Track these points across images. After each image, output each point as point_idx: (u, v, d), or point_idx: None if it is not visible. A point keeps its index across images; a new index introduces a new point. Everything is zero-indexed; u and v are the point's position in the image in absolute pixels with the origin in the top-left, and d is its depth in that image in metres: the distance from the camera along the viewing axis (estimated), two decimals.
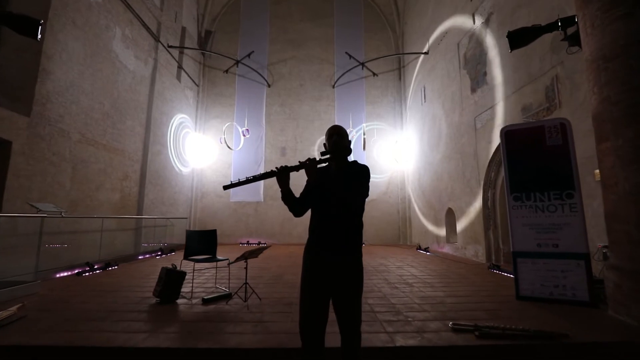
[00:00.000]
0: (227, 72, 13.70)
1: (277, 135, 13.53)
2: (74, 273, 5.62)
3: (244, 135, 12.95)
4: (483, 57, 7.62)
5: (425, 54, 11.26)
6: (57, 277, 5.37)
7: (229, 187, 1.94)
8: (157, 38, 10.14)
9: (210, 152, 13.13)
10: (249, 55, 13.65)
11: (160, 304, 3.74)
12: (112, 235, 7.72)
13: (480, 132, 7.64)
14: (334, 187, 1.83)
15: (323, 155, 1.91)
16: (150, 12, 9.78)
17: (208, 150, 13.10)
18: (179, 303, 3.80)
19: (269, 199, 12.90)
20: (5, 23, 4.19)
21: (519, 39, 4.59)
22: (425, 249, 9.48)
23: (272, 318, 3.24)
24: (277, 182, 1.90)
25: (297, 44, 14.03)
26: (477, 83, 7.90)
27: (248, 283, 3.95)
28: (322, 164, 1.93)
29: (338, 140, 1.93)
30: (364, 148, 12.64)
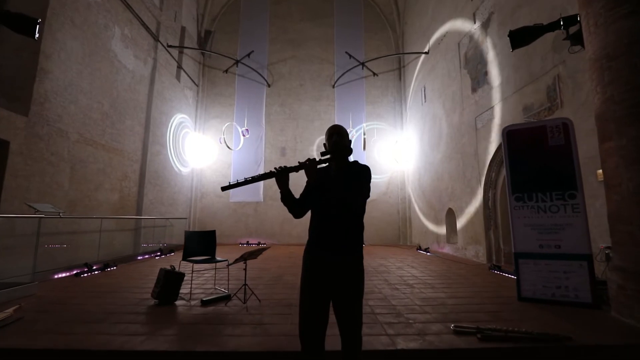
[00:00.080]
0: (226, 72, 13.67)
1: (277, 135, 13.49)
2: (72, 274, 5.59)
3: (244, 135, 12.90)
4: (484, 56, 7.59)
5: (426, 54, 11.23)
6: (55, 278, 5.34)
7: (227, 188, 1.89)
8: (156, 37, 10.10)
9: (210, 152, 13.09)
10: (249, 55, 13.62)
11: (159, 306, 3.70)
12: (111, 236, 7.68)
13: (481, 132, 7.61)
14: (334, 187, 1.80)
15: (323, 156, 1.87)
16: (150, 11, 9.74)
17: (208, 150, 13.05)
18: (178, 305, 3.76)
19: (269, 199, 12.87)
20: (3, 22, 4.16)
21: (521, 38, 4.56)
22: (426, 250, 9.44)
23: (271, 320, 3.21)
24: (276, 183, 1.86)
25: (297, 44, 14.00)
26: (477, 83, 7.86)
27: (247, 284, 3.92)
28: (322, 165, 1.90)
29: (338, 140, 1.90)
30: (364, 148, 12.61)
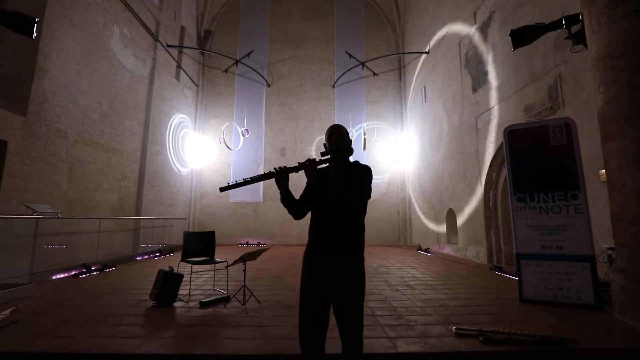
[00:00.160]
0: (226, 71, 13.63)
1: (276, 135, 13.45)
2: (71, 275, 5.55)
3: (244, 135, 12.86)
4: (484, 56, 7.55)
5: (426, 54, 11.19)
6: (53, 279, 5.29)
7: (226, 189, 1.85)
8: (155, 37, 10.06)
9: (210, 152, 13.05)
10: (249, 55, 13.57)
11: (157, 307, 3.67)
12: (109, 236, 7.64)
13: (482, 132, 7.57)
14: (334, 187, 1.77)
15: (323, 156, 1.84)
16: (149, 11, 9.70)
17: (207, 151, 13.01)
18: (176, 306, 3.73)
19: (269, 200, 12.83)
20: (0, 21, 4.12)
21: (522, 38, 4.53)
22: (426, 250, 9.41)
23: (271, 322, 3.17)
24: (275, 183, 1.83)
25: (297, 44, 13.96)
26: (478, 82, 7.83)
27: (246, 286, 3.88)
28: (322, 165, 1.86)
29: (338, 140, 1.87)
30: (364, 148, 12.57)
